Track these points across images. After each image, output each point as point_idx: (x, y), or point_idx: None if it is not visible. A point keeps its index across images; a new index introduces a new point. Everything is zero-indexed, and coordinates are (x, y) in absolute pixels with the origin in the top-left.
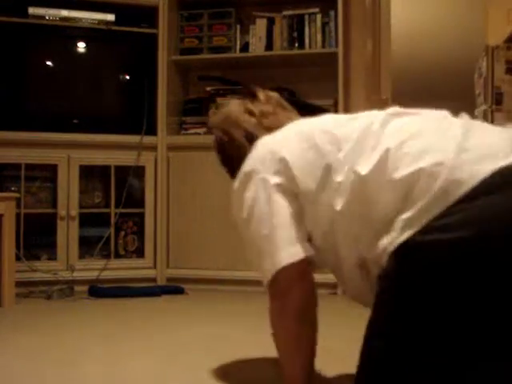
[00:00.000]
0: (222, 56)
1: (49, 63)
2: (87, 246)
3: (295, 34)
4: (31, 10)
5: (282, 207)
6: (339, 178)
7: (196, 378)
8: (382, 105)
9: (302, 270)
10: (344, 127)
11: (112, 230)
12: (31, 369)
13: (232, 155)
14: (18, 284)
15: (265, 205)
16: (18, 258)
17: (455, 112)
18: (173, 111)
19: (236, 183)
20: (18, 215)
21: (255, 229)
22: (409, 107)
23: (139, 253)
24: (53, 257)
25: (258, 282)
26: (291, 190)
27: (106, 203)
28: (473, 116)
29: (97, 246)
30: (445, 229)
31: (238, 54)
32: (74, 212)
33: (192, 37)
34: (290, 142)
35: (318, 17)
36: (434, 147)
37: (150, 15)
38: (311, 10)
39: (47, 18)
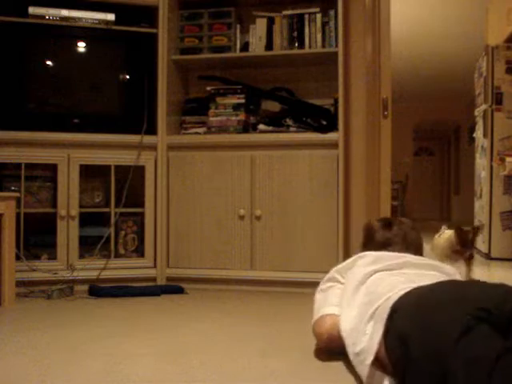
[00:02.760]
0: (222, 56)
1: (49, 63)
2: (87, 246)
3: (295, 34)
4: (31, 10)
5: None
6: None
7: (196, 377)
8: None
9: None
10: None
11: (112, 229)
12: (31, 368)
13: None
14: (18, 283)
15: None
16: (17, 258)
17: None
18: (173, 111)
19: None
20: (18, 215)
21: None
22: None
23: (139, 252)
24: (53, 256)
25: (257, 282)
26: None
27: (106, 203)
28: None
29: (97, 245)
30: None
31: (237, 54)
32: (74, 211)
33: (192, 36)
34: None
35: (318, 16)
36: None
37: (150, 15)
38: (311, 10)
39: (47, 17)
